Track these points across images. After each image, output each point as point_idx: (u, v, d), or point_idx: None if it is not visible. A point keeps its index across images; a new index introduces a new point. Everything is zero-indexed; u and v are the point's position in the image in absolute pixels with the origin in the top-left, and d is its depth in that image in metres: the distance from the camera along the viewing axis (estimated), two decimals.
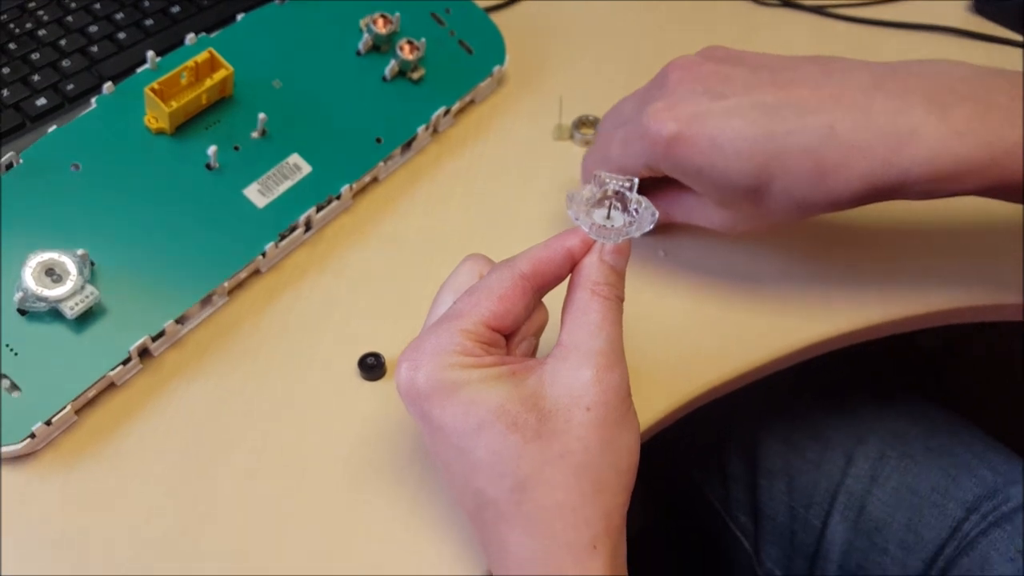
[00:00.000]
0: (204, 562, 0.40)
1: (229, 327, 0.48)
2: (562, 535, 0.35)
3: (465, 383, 0.35)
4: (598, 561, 0.35)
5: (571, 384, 0.36)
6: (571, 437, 0.35)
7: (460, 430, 0.35)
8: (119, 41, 0.54)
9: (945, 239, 0.52)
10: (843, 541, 0.56)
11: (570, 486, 0.35)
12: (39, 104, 0.51)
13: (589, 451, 0.35)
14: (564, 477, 0.35)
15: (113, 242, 0.46)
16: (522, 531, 0.35)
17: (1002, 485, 0.55)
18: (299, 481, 0.43)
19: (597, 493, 0.35)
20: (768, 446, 0.60)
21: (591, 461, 0.35)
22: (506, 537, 0.35)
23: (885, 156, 0.40)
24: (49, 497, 0.42)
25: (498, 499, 0.35)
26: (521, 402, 0.35)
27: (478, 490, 0.36)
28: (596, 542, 0.35)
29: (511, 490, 0.35)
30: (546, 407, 0.35)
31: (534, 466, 0.35)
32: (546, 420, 0.35)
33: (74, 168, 0.47)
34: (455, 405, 0.35)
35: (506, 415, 0.35)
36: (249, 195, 0.49)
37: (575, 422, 0.35)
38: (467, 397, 0.35)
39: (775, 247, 0.52)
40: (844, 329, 0.48)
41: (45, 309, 0.43)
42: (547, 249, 0.38)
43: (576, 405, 0.35)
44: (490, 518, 0.36)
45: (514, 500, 0.35)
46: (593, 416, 0.35)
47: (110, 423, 0.44)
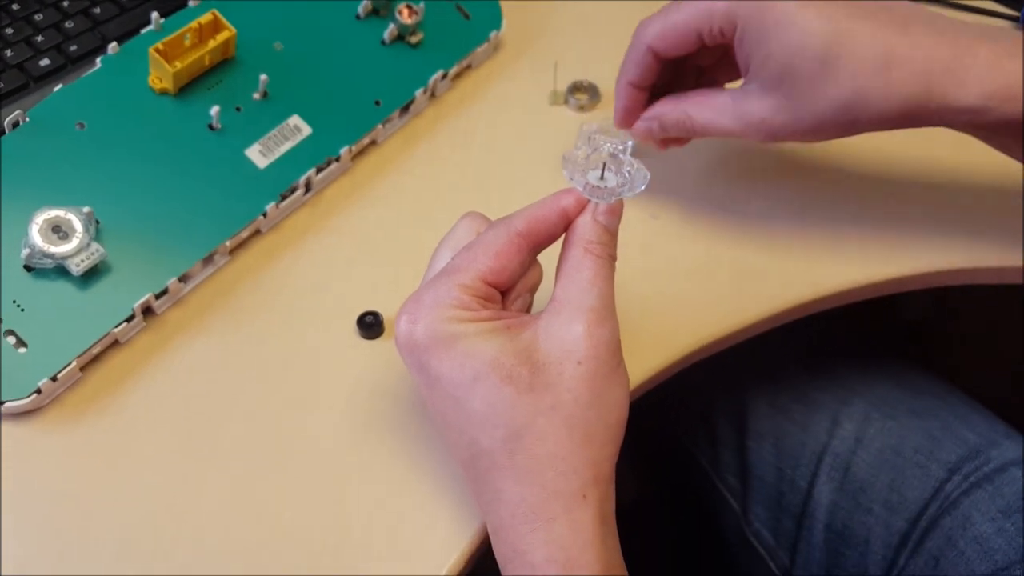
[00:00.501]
0: (206, 516, 0.42)
1: (231, 286, 0.48)
2: (552, 484, 0.36)
3: (462, 336, 0.37)
4: (588, 510, 0.36)
5: (563, 338, 0.37)
6: (562, 389, 0.36)
7: (456, 381, 0.36)
8: (122, 3, 0.55)
9: (941, 200, 0.53)
10: (829, 502, 0.57)
11: (561, 437, 0.36)
12: (43, 64, 0.51)
13: (579, 403, 0.36)
14: (555, 428, 0.36)
15: (118, 200, 0.46)
16: (514, 480, 0.36)
17: (983, 447, 0.56)
18: (299, 437, 0.44)
19: (587, 444, 0.36)
20: (756, 409, 0.61)
21: (581, 413, 0.36)
22: (498, 486, 0.37)
23: (947, 63, 0.41)
24: (53, 452, 0.43)
25: (492, 449, 0.36)
26: (515, 355, 0.36)
27: (473, 440, 0.37)
28: (585, 491, 0.36)
29: (504, 440, 0.36)
30: (539, 360, 0.37)
31: (527, 417, 0.36)
32: (539, 373, 0.36)
33: (79, 127, 0.48)
34: (452, 357, 0.37)
35: (501, 367, 0.36)
36: (251, 156, 0.50)
37: (567, 375, 0.36)
38: (463, 349, 0.36)
39: (761, 211, 0.53)
40: (830, 290, 0.50)
41: (51, 266, 0.44)
42: (542, 208, 0.39)
43: (568, 359, 0.36)
44: (484, 467, 0.37)
45: (507, 450, 0.36)
46: (584, 370, 0.36)
47: (114, 380, 0.45)
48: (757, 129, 0.45)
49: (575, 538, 0.35)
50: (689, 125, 0.47)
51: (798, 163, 0.55)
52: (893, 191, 0.54)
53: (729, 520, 0.63)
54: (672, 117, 0.47)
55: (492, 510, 0.37)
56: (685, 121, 0.47)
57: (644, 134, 0.49)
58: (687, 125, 0.47)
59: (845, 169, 0.55)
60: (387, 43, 0.55)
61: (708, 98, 0.47)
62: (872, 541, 0.56)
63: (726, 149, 0.55)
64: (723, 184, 0.54)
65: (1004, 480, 0.54)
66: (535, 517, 0.36)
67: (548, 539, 0.35)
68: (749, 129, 0.45)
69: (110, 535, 0.41)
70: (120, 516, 0.41)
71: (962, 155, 0.56)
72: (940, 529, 0.54)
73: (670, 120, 0.48)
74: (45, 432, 0.43)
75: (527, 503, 0.36)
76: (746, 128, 0.45)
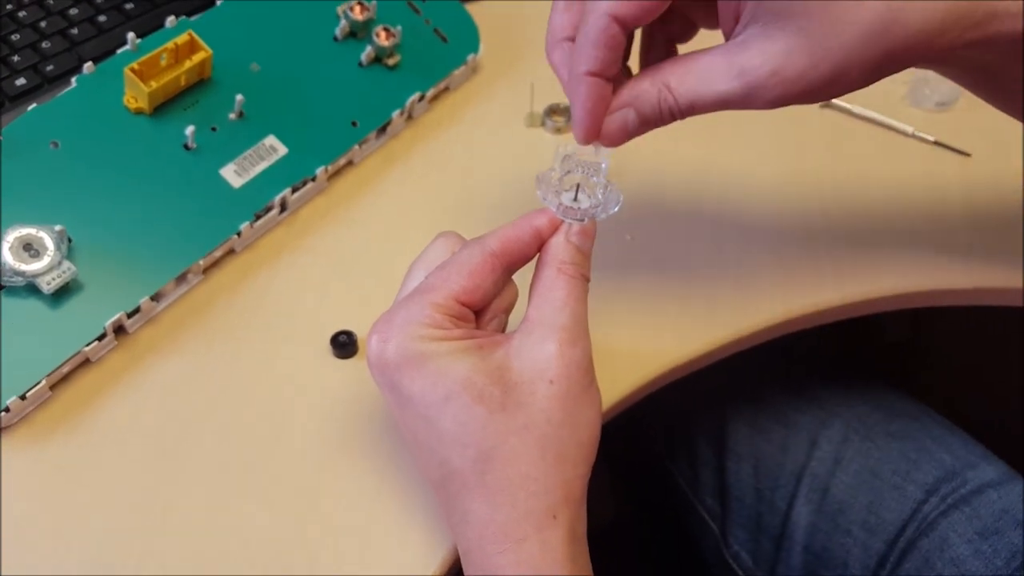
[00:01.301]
0: (176, 537, 0.41)
1: (204, 305, 0.48)
2: (523, 504, 0.35)
3: (433, 355, 0.36)
4: (558, 531, 0.36)
5: (535, 358, 0.37)
6: (534, 409, 0.36)
7: (428, 401, 0.36)
8: (99, 24, 0.55)
9: (915, 221, 0.54)
10: (808, 523, 0.57)
11: (533, 457, 0.36)
12: (18, 84, 0.52)
13: (551, 423, 0.36)
14: (527, 448, 0.36)
15: (91, 219, 0.46)
16: (484, 500, 0.36)
17: (960, 468, 0.56)
18: (271, 456, 0.44)
19: (559, 464, 0.36)
20: (735, 430, 0.61)
21: (553, 433, 0.36)
22: (468, 506, 0.36)
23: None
24: (22, 471, 0.42)
25: (462, 469, 0.36)
26: (487, 374, 0.36)
27: (443, 460, 0.37)
28: (556, 511, 0.36)
29: (475, 460, 0.36)
30: (511, 380, 0.36)
31: (498, 437, 0.36)
32: (511, 392, 0.36)
33: (53, 146, 0.48)
34: (423, 376, 0.36)
35: (472, 387, 0.36)
36: (225, 175, 0.50)
37: (539, 394, 0.36)
38: (435, 368, 0.36)
39: (735, 231, 0.53)
40: (804, 310, 0.50)
41: (22, 284, 0.44)
42: (515, 228, 0.39)
43: (540, 378, 0.36)
44: (454, 488, 0.37)
45: (478, 470, 0.36)
46: (556, 389, 0.36)
47: (84, 399, 0.45)
48: (765, 85, 0.34)
49: (544, 558, 0.35)
50: (672, 103, 0.36)
51: (774, 183, 0.55)
52: (868, 211, 0.55)
53: (708, 542, 0.62)
54: (650, 98, 0.37)
55: (461, 532, 0.37)
56: (667, 99, 0.36)
57: (619, 131, 0.38)
58: (670, 104, 0.36)
59: (822, 189, 0.55)
60: (364, 65, 0.55)
61: (691, 62, 0.36)
62: (850, 563, 0.55)
63: (703, 167, 0.56)
64: (697, 204, 0.54)
65: (981, 502, 0.54)
66: (505, 538, 0.35)
67: (518, 560, 0.35)
68: (755, 88, 0.34)
69: (80, 554, 0.40)
70: (90, 535, 0.41)
71: (936, 175, 0.56)
72: (918, 551, 0.54)
73: (648, 103, 0.37)
74: (14, 450, 0.43)
75: (497, 524, 0.36)
76: (750, 88, 0.35)
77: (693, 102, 0.36)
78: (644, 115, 0.37)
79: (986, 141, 0.58)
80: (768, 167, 0.56)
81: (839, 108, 0.59)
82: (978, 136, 0.58)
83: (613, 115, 0.38)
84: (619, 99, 0.38)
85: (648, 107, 0.37)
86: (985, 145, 0.57)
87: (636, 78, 0.38)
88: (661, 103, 0.37)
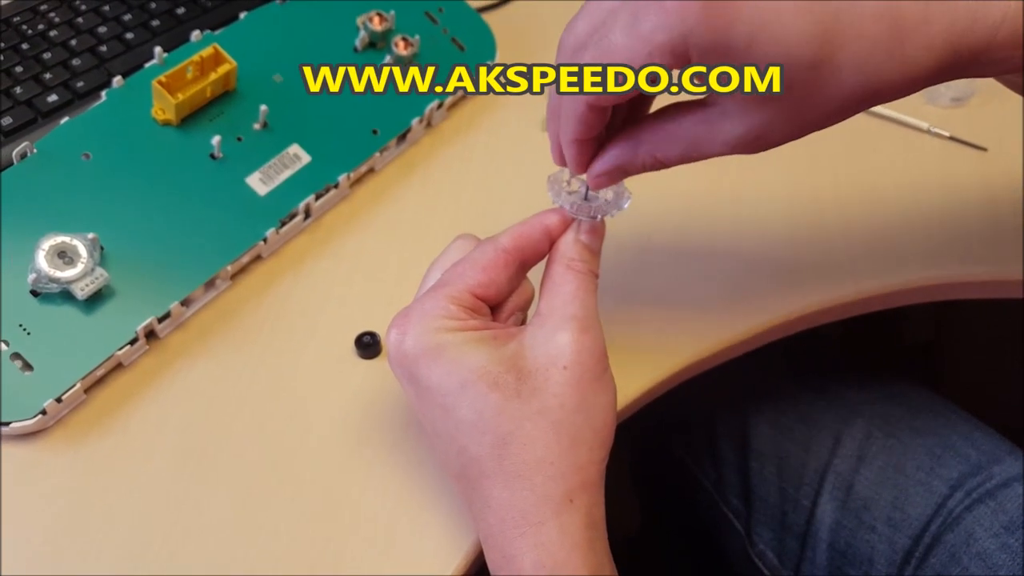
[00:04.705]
0: (205, 536, 0.42)
1: (232, 310, 0.49)
2: (541, 488, 0.36)
3: (449, 345, 0.37)
4: (576, 515, 0.36)
5: (548, 346, 0.38)
6: (548, 395, 0.37)
7: (445, 390, 0.37)
8: (127, 41, 0.57)
9: (931, 214, 0.54)
10: (832, 520, 0.57)
11: (548, 441, 0.37)
12: (50, 100, 0.53)
13: (565, 408, 0.37)
14: (542, 432, 0.37)
15: (122, 227, 0.48)
16: (503, 485, 0.37)
17: (985, 463, 0.56)
18: (297, 456, 0.45)
19: (574, 448, 0.37)
20: (758, 429, 0.61)
21: (568, 418, 0.37)
22: (488, 492, 0.37)
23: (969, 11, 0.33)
24: (58, 472, 0.44)
25: (480, 456, 0.37)
26: (501, 363, 0.37)
27: (462, 448, 0.37)
28: (573, 496, 0.36)
29: (492, 446, 0.37)
30: (525, 367, 0.37)
31: (513, 423, 0.37)
32: (525, 379, 0.37)
33: (85, 157, 0.49)
34: (440, 366, 0.37)
35: (487, 375, 0.37)
36: (251, 183, 0.51)
37: (552, 380, 0.37)
38: (451, 357, 0.37)
39: (755, 228, 0.54)
40: (821, 305, 0.50)
41: (57, 291, 0.45)
42: (527, 225, 0.41)
43: (553, 365, 0.37)
44: (473, 475, 0.38)
45: (495, 456, 0.37)
46: (569, 375, 0.37)
47: (117, 401, 0.46)
48: (750, 147, 0.37)
49: (563, 542, 0.36)
50: (659, 165, 0.38)
51: (790, 180, 0.56)
52: (884, 207, 0.55)
53: (734, 542, 0.63)
54: (637, 163, 0.38)
55: (482, 517, 0.38)
56: (653, 164, 0.38)
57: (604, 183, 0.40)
58: (656, 166, 0.38)
59: (838, 185, 0.56)
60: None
61: (672, 129, 0.37)
62: (875, 559, 0.55)
63: (719, 165, 0.56)
64: (714, 201, 0.55)
65: (1007, 496, 0.54)
66: (524, 522, 0.36)
67: (536, 543, 0.36)
68: (740, 150, 0.37)
69: (113, 554, 0.41)
70: (123, 535, 0.42)
71: (952, 170, 0.56)
72: (943, 545, 0.54)
73: (636, 167, 0.38)
74: (50, 452, 0.44)
75: (516, 508, 0.36)
76: (735, 149, 0.37)
77: (682, 161, 0.38)
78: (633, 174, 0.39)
79: (1001, 136, 0.58)
80: (784, 164, 0.57)
81: None
82: (993, 131, 0.58)
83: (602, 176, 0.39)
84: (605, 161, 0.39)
85: (636, 170, 0.39)
86: (1001, 140, 0.58)
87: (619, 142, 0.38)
88: (649, 166, 0.38)
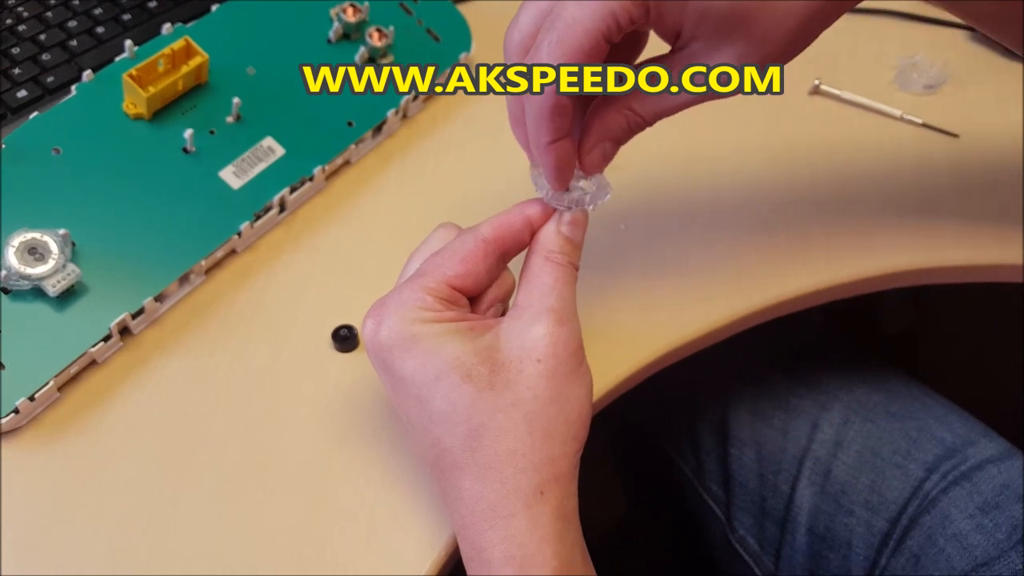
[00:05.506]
0: (183, 533, 0.42)
1: (207, 305, 0.49)
2: (512, 481, 0.36)
3: (424, 335, 0.37)
4: (546, 507, 0.36)
5: (523, 338, 0.38)
6: (522, 387, 0.37)
7: (419, 381, 0.37)
8: (97, 35, 0.56)
9: (905, 200, 0.54)
10: (811, 505, 0.58)
11: (520, 433, 0.36)
12: (20, 96, 0.53)
13: (539, 400, 0.37)
14: (514, 425, 0.37)
15: (94, 223, 0.47)
16: (474, 477, 0.37)
17: (960, 446, 0.56)
18: (275, 450, 0.44)
19: (546, 440, 0.37)
20: (737, 416, 0.62)
21: (541, 410, 0.37)
22: (460, 484, 0.37)
23: None
24: (32, 472, 0.43)
25: (453, 447, 0.37)
26: (475, 354, 0.37)
27: (436, 439, 0.37)
28: (544, 488, 0.36)
29: (465, 438, 0.37)
30: (500, 359, 0.37)
31: (486, 414, 0.36)
32: (499, 371, 0.37)
33: (55, 152, 0.49)
34: (414, 357, 0.37)
35: (461, 366, 0.37)
36: (225, 177, 0.51)
37: (526, 373, 0.37)
38: (425, 348, 0.37)
39: (731, 216, 0.54)
40: (797, 291, 0.50)
41: (28, 287, 0.45)
42: (508, 215, 0.40)
43: (527, 357, 0.37)
44: (446, 466, 0.38)
45: (467, 447, 0.37)
46: (543, 368, 0.37)
47: (92, 399, 0.46)
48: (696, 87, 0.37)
49: (532, 535, 0.36)
50: (640, 121, 0.39)
51: (765, 167, 0.56)
52: (859, 193, 0.55)
53: (715, 528, 0.63)
54: (619, 125, 0.39)
55: (455, 509, 0.38)
56: (634, 120, 0.39)
57: (601, 162, 0.40)
58: (638, 122, 0.39)
59: (813, 173, 0.56)
60: (359, 66, 0.56)
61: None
62: (854, 542, 0.56)
63: (695, 153, 0.56)
64: (690, 190, 0.55)
65: (982, 477, 0.55)
66: (494, 514, 0.36)
67: (505, 536, 0.36)
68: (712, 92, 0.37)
69: (90, 555, 0.41)
70: (100, 535, 0.42)
71: (925, 156, 0.57)
72: (920, 527, 0.54)
73: (619, 130, 0.39)
74: (23, 451, 0.44)
75: (486, 500, 0.36)
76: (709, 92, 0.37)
77: (658, 114, 0.39)
78: (618, 140, 0.40)
79: (973, 122, 0.58)
80: (759, 152, 0.57)
81: (828, 94, 0.60)
82: (965, 117, 0.58)
83: (592, 152, 0.40)
84: (592, 136, 0.39)
85: (620, 132, 0.39)
86: (972, 126, 0.58)
87: (600, 111, 0.39)
88: (631, 125, 0.39)
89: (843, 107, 0.60)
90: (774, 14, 0.35)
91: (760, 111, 0.59)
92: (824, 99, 0.60)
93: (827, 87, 0.60)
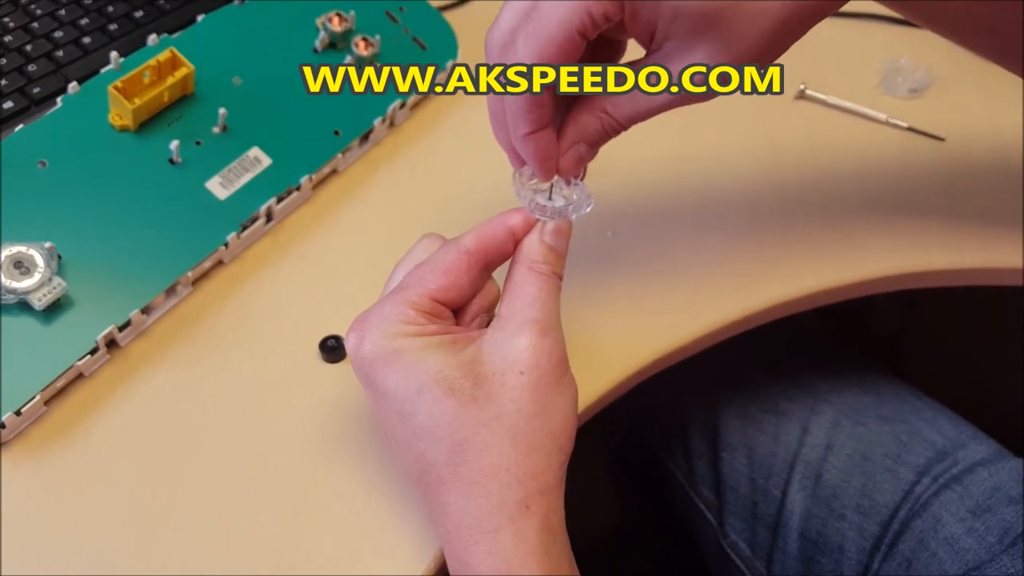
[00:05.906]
0: (171, 544, 0.42)
1: (194, 316, 0.49)
2: (496, 495, 0.36)
3: (406, 350, 0.37)
4: (531, 520, 0.36)
5: (506, 350, 0.37)
6: (505, 400, 0.37)
7: (402, 395, 0.37)
8: (84, 46, 0.56)
9: (890, 205, 0.55)
10: (802, 509, 0.58)
11: (504, 448, 0.36)
12: (5, 107, 0.52)
13: (522, 413, 0.37)
14: (498, 438, 0.36)
15: (80, 236, 0.47)
16: (459, 492, 0.36)
17: (951, 449, 0.57)
18: (263, 461, 0.44)
19: (531, 454, 0.37)
20: (727, 421, 0.62)
21: (525, 423, 0.37)
22: (444, 499, 0.37)
23: None
24: (19, 487, 0.43)
25: (437, 462, 0.37)
26: (458, 368, 0.37)
27: (419, 454, 0.37)
28: (529, 502, 0.36)
29: (448, 452, 0.36)
30: (482, 372, 0.37)
31: (469, 428, 0.36)
32: (482, 384, 0.37)
33: (41, 165, 0.48)
34: (396, 371, 0.37)
35: (443, 380, 0.37)
36: (211, 188, 0.50)
37: (509, 386, 0.37)
38: (407, 363, 0.37)
39: (718, 222, 0.54)
40: (783, 297, 0.50)
41: (14, 301, 0.45)
42: (490, 226, 0.40)
43: (510, 370, 0.37)
44: (431, 481, 0.37)
45: (452, 462, 0.36)
46: (526, 380, 0.37)
47: (79, 413, 0.45)
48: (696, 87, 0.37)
49: (517, 549, 0.35)
50: (614, 124, 0.39)
51: (752, 173, 0.56)
52: (846, 198, 0.55)
53: (707, 533, 0.63)
54: (594, 128, 0.39)
55: (440, 524, 0.37)
56: (608, 123, 0.39)
57: (576, 165, 0.40)
58: (612, 125, 0.39)
59: (800, 178, 0.56)
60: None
61: None
62: (846, 547, 0.56)
63: (681, 159, 0.57)
64: (676, 196, 0.55)
65: (972, 480, 0.55)
66: (479, 529, 0.36)
67: (491, 551, 0.36)
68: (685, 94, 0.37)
69: (76, 568, 0.41)
70: (87, 549, 0.41)
71: (911, 160, 0.57)
72: (911, 531, 0.54)
73: (593, 133, 0.39)
74: (10, 466, 0.43)
75: (471, 515, 0.36)
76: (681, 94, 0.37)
77: (632, 117, 0.39)
78: (593, 143, 0.40)
79: (959, 126, 0.58)
80: (745, 158, 0.57)
81: (813, 98, 0.60)
82: (951, 121, 0.59)
83: (567, 154, 0.40)
84: (567, 138, 0.40)
85: (594, 135, 0.39)
86: (958, 129, 0.58)
87: (575, 113, 0.39)
88: (605, 127, 0.39)
89: (828, 112, 0.60)
90: (749, 14, 0.35)
91: (746, 117, 0.59)
92: (809, 104, 0.60)
93: (812, 92, 0.60)
